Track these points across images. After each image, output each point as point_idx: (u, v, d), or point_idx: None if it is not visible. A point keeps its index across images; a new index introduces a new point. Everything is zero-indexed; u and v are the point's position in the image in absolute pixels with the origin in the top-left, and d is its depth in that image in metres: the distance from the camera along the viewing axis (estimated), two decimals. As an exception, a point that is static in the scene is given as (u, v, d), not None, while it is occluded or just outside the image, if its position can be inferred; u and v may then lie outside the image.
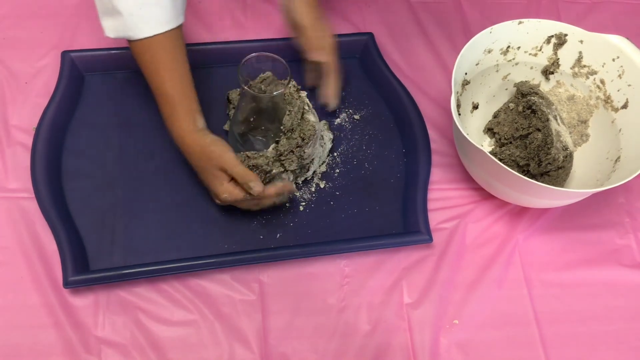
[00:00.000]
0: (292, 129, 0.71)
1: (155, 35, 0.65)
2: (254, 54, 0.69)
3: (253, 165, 0.69)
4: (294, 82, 0.74)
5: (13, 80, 0.83)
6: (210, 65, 0.86)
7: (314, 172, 0.80)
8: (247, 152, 0.70)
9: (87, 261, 0.71)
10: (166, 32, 0.66)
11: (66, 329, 0.67)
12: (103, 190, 0.76)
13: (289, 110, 0.71)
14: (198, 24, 0.92)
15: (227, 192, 0.67)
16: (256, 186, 0.66)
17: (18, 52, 0.86)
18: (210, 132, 0.69)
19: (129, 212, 0.75)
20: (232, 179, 0.68)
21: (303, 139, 0.71)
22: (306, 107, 0.74)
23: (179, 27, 0.68)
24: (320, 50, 0.75)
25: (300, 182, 0.79)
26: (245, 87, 0.67)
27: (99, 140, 0.79)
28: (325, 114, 0.85)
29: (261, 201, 0.70)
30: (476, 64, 0.81)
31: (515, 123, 0.79)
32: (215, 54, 0.86)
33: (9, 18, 0.89)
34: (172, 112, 0.68)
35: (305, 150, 0.73)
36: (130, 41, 0.67)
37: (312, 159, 0.77)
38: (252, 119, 0.71)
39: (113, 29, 0.67)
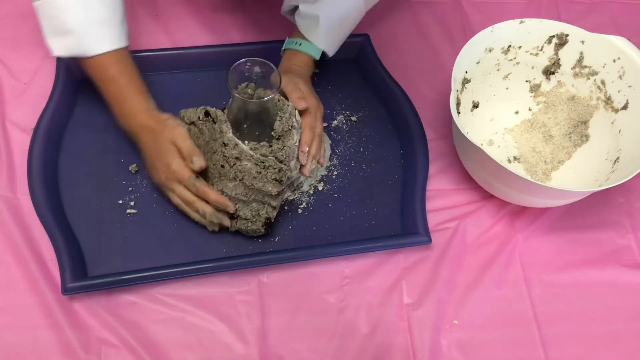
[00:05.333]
0: (283, 135, 0.70)
1: (105, 53, 0.69)
2: (243, 59, 0.68)
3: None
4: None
5: (12, 80, 0.83)
6: (209, 68, 0.87)
7: (315, 178, 0.79)
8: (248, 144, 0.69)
9: (85, 266, 0.71)
10: (116, 50, 0.70)
11: (66, 330, 0.67)
12: (100, 194, 0.75)
13: (280, 116, 0.70)
14: (196, 25, 0.92)
15: (176, 165, 0.68)
16: (198, 161, 0.67)
17: (18, 52, 0.85)
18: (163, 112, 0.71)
19: (126, 216, 0.74)
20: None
21: (281, 161, 0.70)
22: (295, 123, 0.71)
23: (126, 49, 0.72)
24: (302, 99, 0.72)
25: (297, 197, 0.78)
26: (236, 93, 0.66)
27: (96, 143, 0.79)
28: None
29: (195, 204, 0.70)
30: (477, 63, 0.80)
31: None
32: (215, 56, 0.86)
33: (9, 18, 0.89)
34: (122, 93, 0.70)
35: (290, 166, 0.72)
36: (81, 59, 0.71)
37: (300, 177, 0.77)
38: (244, 125, 0.71)
39: (63, 48, 0.70)
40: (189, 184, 0.69)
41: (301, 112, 0.73)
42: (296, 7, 0.79)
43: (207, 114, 0.70)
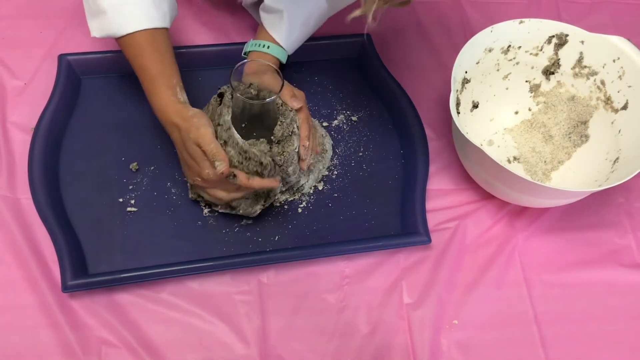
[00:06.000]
0: (283, 140, 0.70)
1: (138, 32, 0.68)
2: (247, 60, 0.68)
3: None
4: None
5: (13, 80, 0.83)
6: (209, 67, 0.87)
7: (316, 179, 0.80)
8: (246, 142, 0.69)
9: (86, 264, 0.71)
10: (149, 30, 0.68)
11: (66, 330, 0.67)
12: (101, 192, 0.76)
13: (281, 121, 0.70)
14: (196, 25, 0.92)
15: (207, 174, 0.66)
16: (220, 166, 0.65)
17: (18, 52, 0.85)
18: (191, 107, 0.69)
19: (127, 214, 0.75)
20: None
21: (280, 165, 0.70)
22: (295, 129, 0.71)
23: (164, 30, 0.70)
24: (294, 98, 0.72)
25: (298, 197, 0.78)
26: (238, 93, 0.66)
27: (97, 142, 0.79)
28: (322, 116, 0.85)
29: (234, 201, 0.70)
30: (476, 63, 0.81)
31: None
32: (212, 56, 0.86)
33: (9, 18, 0.89)
34: (153, 85, 0.69)
35: (288, 171, 0.72)
36: (117, 39, 0.70)
37: (300, 178, 0.77)
38: (243, 125, 0.71)
39: (99, 29, 0.70)
40: (229, 186, 0.68)
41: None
42: (260, 1, 0.78)
43: (220, 94, 0.70)
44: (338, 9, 0.81)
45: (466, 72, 0.79)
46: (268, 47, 0.77)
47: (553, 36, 0.81)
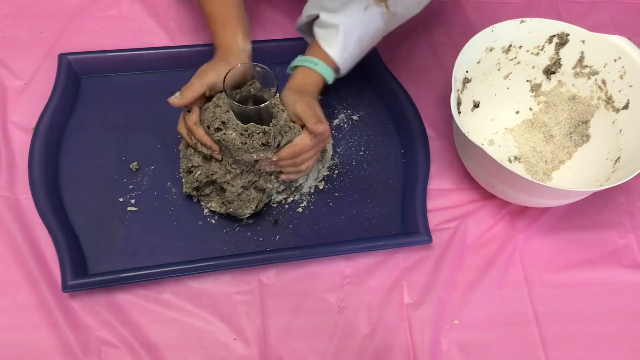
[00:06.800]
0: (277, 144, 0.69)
1: None
2: (240, 63, 0.67)
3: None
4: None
5: (13, 80, 0.83)
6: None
7: (316, 179, 0.79)
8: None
9: (86, 264, 0.71)
10: None
11: (66, 330, 0.67)
12: (101, 192, 0.75)
13: (274, 124, 0.68)
14: (196, 25, 0.91)
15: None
16: (176, 96, 0.67)
17: (18, 52, 0.85)
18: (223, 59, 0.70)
19: (127, 214, 0.75)
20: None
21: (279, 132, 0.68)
22: (287, 131, 0.69)
23: None
24: (319, 123, 0.69)
25: (297, 197, 0.78)
26: (231, 99, 0.66)
27: (97, 141, 0.79)
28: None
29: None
30: (477, 62, 0.80)
31: None
32: (212, 56, 0.85)
33: (9, 18, 0.89)
34: (215, 30, 0.72)
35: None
36: None
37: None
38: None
39: None
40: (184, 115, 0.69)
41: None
42: (313, 22, 0.77)
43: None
44: (392, 28, 0.79)
45: (467, 71, 0.79)
46: (317, 64, 0.74)
47: (554, 36, 0.81)
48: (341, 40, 0.74)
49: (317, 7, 0.76)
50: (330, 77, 0.75)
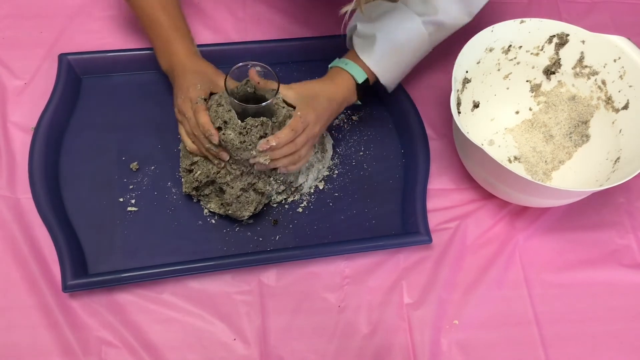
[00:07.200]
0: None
1: None
2: (241, 63, 0.67)
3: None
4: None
5: (13, 80, 0.83)
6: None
7: (316, 179, 0.79)
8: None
9: (86, 264, 0.71)
10: None
11: (66, 330, 0.67)
12: (101, 192, 0.75)
13: (273, 121, 0.69)
14: (196, 25, 0.91)
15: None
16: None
17: (18, 52, 0.85)
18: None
19: (127, 214, 0.75)
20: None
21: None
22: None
23: None
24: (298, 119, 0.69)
25: (297, 198, 0.78)
26: (232, 98, 0.66)
27: (97, 141, 0.79)
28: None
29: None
30: (477, 63, 0.80)
31: None
32: (211, 56, 0.85)
33: (9, 18, 0.89)
34: (169, 39, 0.74)
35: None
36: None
37: (298, 175, 0.76)
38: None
39: None
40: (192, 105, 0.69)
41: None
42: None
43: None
44: (441, 39, 0.79)
45: (467, 71, 0.79)
46: (347, 63, 0.75)
47: (554, 36, 0.81)
48: (378, 50, 0.74)
49: (356, 17, 0.76)
50: (360, 77, 0.75)
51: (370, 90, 0.78)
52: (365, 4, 0.64)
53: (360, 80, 0.75)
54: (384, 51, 0.75)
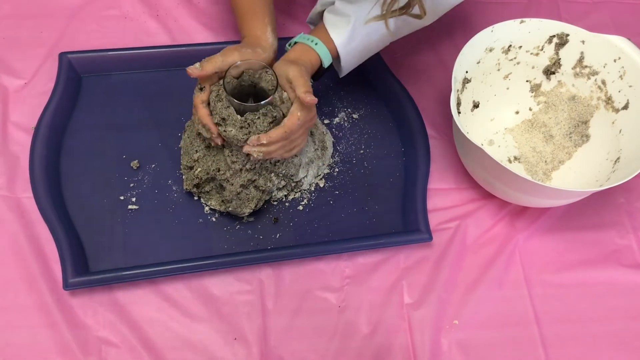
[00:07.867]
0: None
1: None
2: (239, 61, 0.67)
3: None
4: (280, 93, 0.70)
5: (13, 80, 0.83)
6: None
7: (316, 176, 0.79)
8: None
9: (87, 262, 0.71)
10: None
11: (66, 329, 0.67)
12: (102, 190, 0.76)
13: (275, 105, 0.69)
14: (196, 25, 0.92)
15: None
16: (196, 67, 0.66)
17: (18, 52, 0.85)
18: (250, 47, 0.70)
19: (127, 213, 0.75)
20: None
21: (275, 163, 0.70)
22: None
23: None
24: (309, 93, 0.67)
25: (298, 195, 0.78)
26: (231, 97, 0.66)
27: (98, 140, 0.79)
28: (323, 113, 0.85)
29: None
30: (477, 63, 0.80)
31: None
32: (212, 54, 0.86)
33: (9, 18, 0.89)
34: (245, 18, 0.72)
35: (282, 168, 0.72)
36: None
37: (299, 169, 0.76)
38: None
39: None
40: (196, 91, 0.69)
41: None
42: (323, 11, 0.76)
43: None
44: (401, 35, 0.78)
45: (467, 71, 0.79)
46: (317, 43, 0.72)
47: (554, 36, 0.81)
48: (349, 30, 0.72)
49: None
50: (327, 60, 0.73)
51: (322, 72, 0.76)
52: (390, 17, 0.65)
53: (325, 65, 0.73)
54: (356, 34, 0.73)
